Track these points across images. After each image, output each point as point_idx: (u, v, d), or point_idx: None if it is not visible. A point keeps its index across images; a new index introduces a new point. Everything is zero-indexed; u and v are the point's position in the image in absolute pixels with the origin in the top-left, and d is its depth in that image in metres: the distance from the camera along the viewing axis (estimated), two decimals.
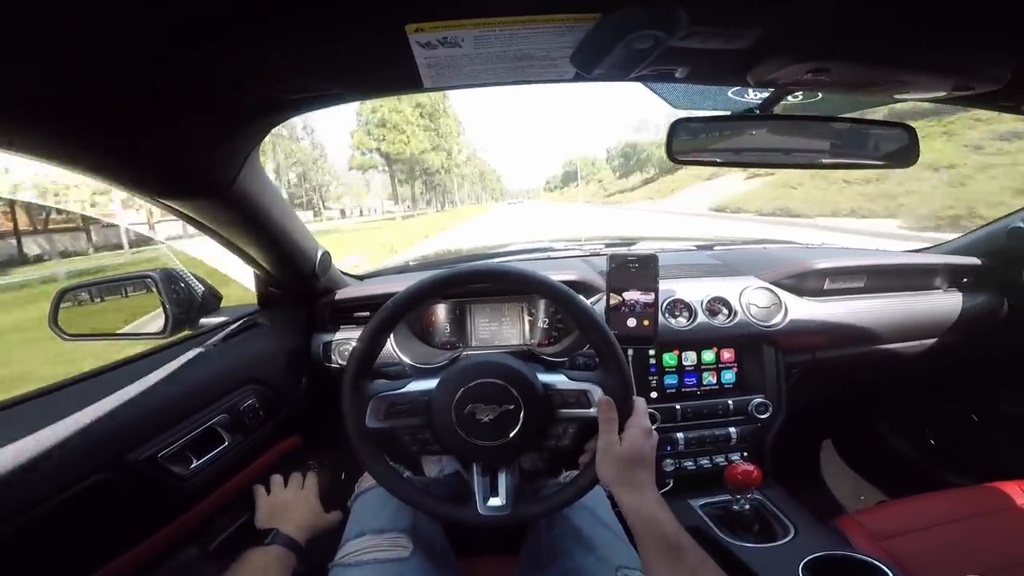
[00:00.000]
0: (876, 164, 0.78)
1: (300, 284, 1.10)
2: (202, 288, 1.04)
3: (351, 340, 1.14)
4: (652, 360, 1.18)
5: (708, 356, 1.20)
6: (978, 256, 1.30)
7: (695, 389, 1.20)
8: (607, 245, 1.58)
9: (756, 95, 0.77)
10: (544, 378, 0.75)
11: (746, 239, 1.75)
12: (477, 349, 1.17)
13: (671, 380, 1.19)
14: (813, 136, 0.76)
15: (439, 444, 0.76)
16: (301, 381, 1.13)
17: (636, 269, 0.99)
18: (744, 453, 1.20)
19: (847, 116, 0.77)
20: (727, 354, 1.21)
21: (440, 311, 1.19)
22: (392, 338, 1.04)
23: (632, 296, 0.99)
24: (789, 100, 0.74)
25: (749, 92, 0.77)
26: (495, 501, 0.74)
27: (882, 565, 0.78)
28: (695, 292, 1.19)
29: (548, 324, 1.18)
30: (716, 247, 1.57)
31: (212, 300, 1.06)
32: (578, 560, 0.76)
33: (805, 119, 0.76)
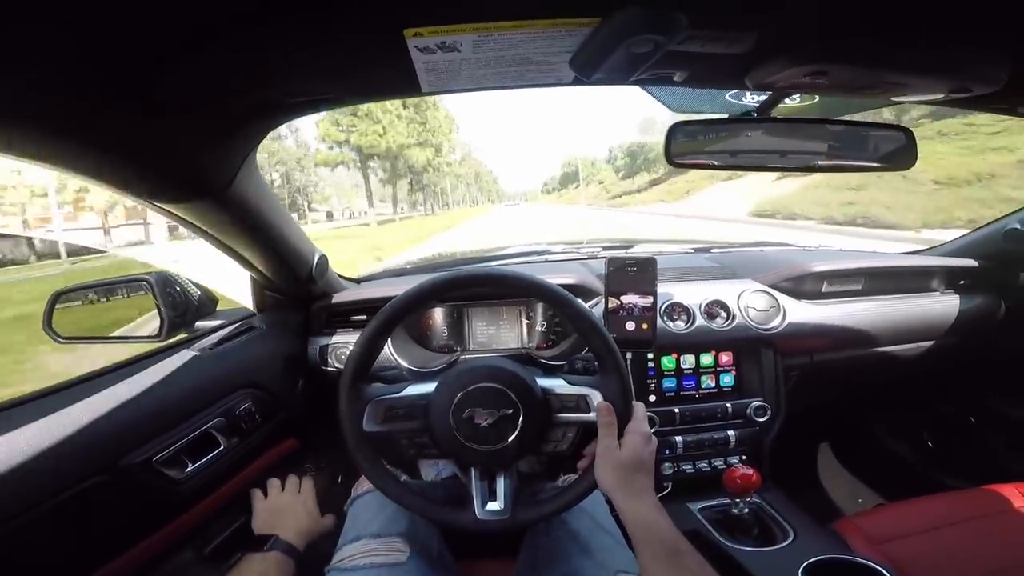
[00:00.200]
0: (874, 166, 0.78)
1: (297, 288, 1.10)
2: (198, 292, 1.03)
3: (348, 344, 1.14)
4: (650, 363, 1.18)
5: (706, 359, 1.20)
6: (975, 258, 1.30)
7: (694, 392, 1.20)
8: (605, 248, 1.59)
9: (754, 98, 0.77)
10: (543, 382, 0.75)
11: (744, 241, 1.75)
12: (475, 353, 1.17)
13: (670, 383, 1.19)
14: (811, 138, 0.76)
15: (437, 448, 0.76)
16: (298, 385, 1.12)
17: (634, 272, 0.99)
18: (743, 456, 1.20)
19: (844, 119, 0.77)
20: (725, 357, 1.21)
21: (438, 314, 1.19)
22: (389, 342, 1.04)
23: (630, 300, 0.99)
24: (786, 103, 0.74)
25: (747, 95, 0.77)
26: (493, 505, 0.73)
27: (881, 568, 0.78)
28: (693, 295, 1.19)
29: (546, 328, 1.18)
30: (714, 250, 1.58)
31: (208, 303, 1.05)
32: (576, 564, 0.76)
33: (803, 122, 0.76)
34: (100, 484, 0.67)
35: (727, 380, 1.21)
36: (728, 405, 1.18)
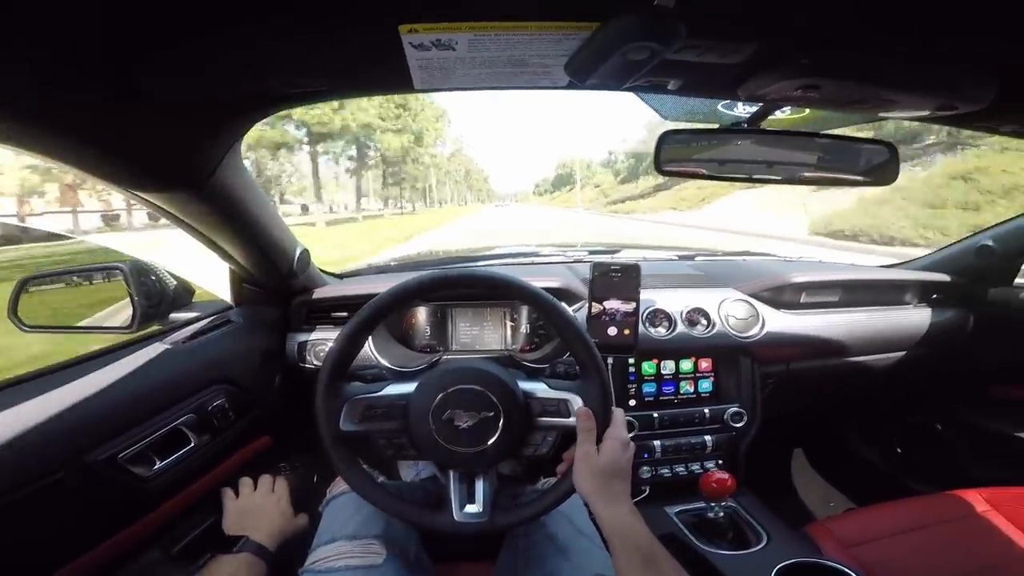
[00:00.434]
0: (857, 180, 0.79)
1: (277, 282, 1.07)
2: (174, 282, 1.00)
3: (327, 340, 1.12)
4: (631, 368, 1.19)
5: (686, 365, 1.21)
6: (947, 273, 1.34)
7: (673, 397, 1.21)
8: (591, 252, 1.59)
9: (745, 109, 0.77)
10: (525, 386, 0.75)
11: (726, 250, 1.78)
12: (457, 353, 1.16)
13: (650, 388, 1.20)
14: (798, 150, 0.77)
15: (416, 449, 0.75)
16: (274, 381, 1.10)
17: (619, 278, 0.99)
18: (719, 461, 1.21)
19: (831, 132, 0.78)
20: (704, 364, 1.22)
21: (421, 314, 1.18)
22: (370, 340, 1.02)
23: (613, 305, 0.99)
24: (777, 115, 0.75)
25: (738, 106, 0.78)
26: (472, 508, 0.73)
27: (851, 572, 0.80)
28: (675, 302, 1.20)
29: (530, 330, 1.18)
30: (697, 258, 1.60)
31: (184, 295, 1.02)
32: (554, 567, 0.76)
33: (791, 134, 0.77)
34: (61, 481, 0.65)
35: (705, 386, 1.22)
36: (706, 410, 1.19)
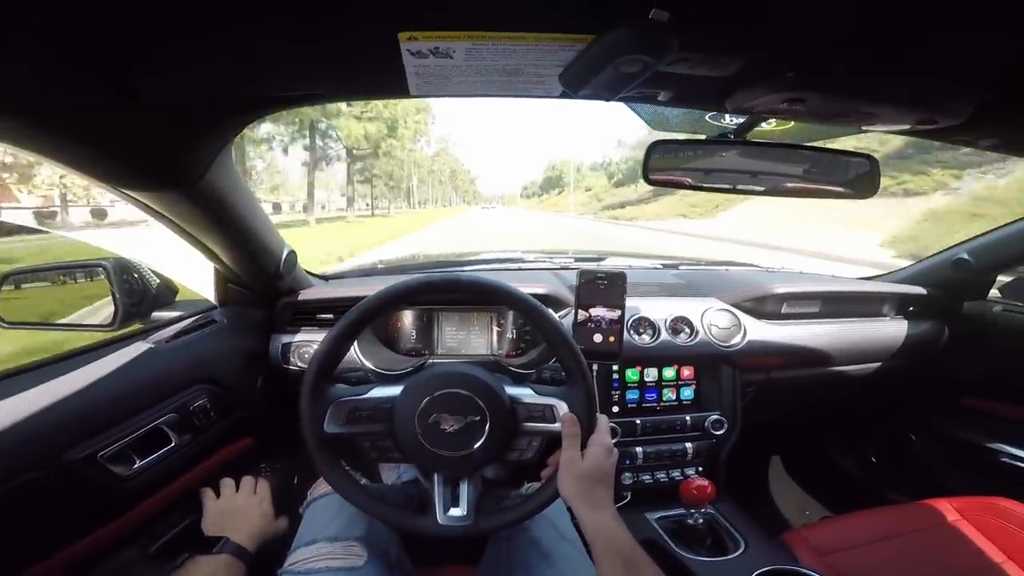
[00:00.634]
0: (839, 193, 0.81)
1: (263, 283, 1.07)
2: (157, 280, 0.99)
3: (312, 343, 1.11)
4: (615, 375, 1.20)
5: (669, 373, 1.23)
6: (924, 286, 1.38)
7: (655, 404, 1.22)
8: (577, 259, 1.61)
9: (732, 120, 0.79)
10: (511, 391, 0.75)
11: (710, 260, 1.80)
12: (443, 357, 1.16)
13: (633, 395, 1.21)
14: (784, 162, 0.79)
15: (400, 452, 0.75)
16: (257, 382, 1.09)
17: (604, 286, 1.00)
18: (699, 468, 1.23)
19: (815, 144, 0.80)
20: (687, 371, 1.24)
21: (407, 317, 1.18)
22: (356, 343, 1.02)
23: (599, 312, 1.00)
24: (763, 126, 0.77)
25: (725, 117, 0.80)
26: (456, 512, 0.73)
27: None
28: (659, 311, 1.22)
29: (516, 336, 1.18)
30: (681, 266, 1.62)
31: (167, 293, 1.01)
32: (537, 572, 0.76)
33: (776, 146, 0.78)
34: (39, 479, 0.64)
35: (687, 394, 1.24)
36: (687, 418, 1.21)
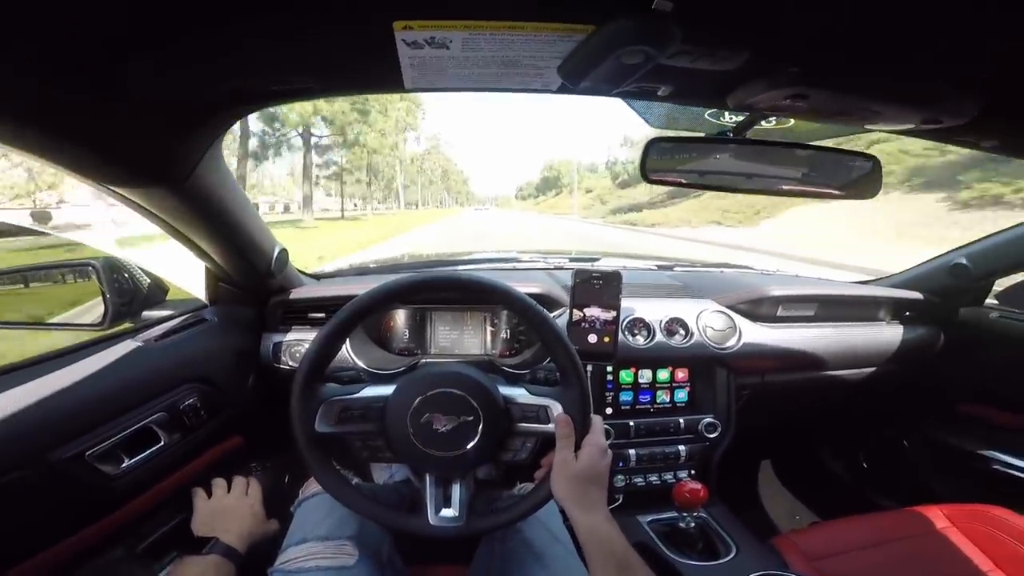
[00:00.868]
0: (839, 194, 0.80)
1: (254, 281, 1.06)
2: (147, 279, 0.98)
3: (303, 341, 1.11)
4: (609, 376, 1.20)
5: (663, 375, 1.23)
6: (920, 291, 1.38)
7: (649, 407, 1.22)
8: (572, 260, 1.60)
9: (731, 118, 0.78)
10: (505, 391, 0.75)
11: (705, 261, 1.80)
12: (436, 357, 1.16)
13: (626, 397, 1.21)
14: (783, 162, 0.77)
15: (392, 452, 0.75)
16: (248, 381, 1.08)
17: (600, 286, 1.00)
18: (691, 471, 1.23)
19: (816, 144, 0.78)
20: (681, 374, 1.24)
21: (400, 316, 1.17)
22: (348, 342, 1.02)
23: (594, 312, 1.00)
24: (762, 124, 0.75)
25: (725, 115, 0.78)
26: (448, 512, 0.73)
27: None
28: (655, 312, 1.22)
29: (510, 335, 1.18)
30: (676, 268, 1.62)
31: (157, 292, 1.00)
32: (530, 573, 0.76)
33: (776, 145, 0.77)
34: (25, 478, 0.63)
35: (681, 396, 1.24)
36: (681, 420, 1.21)
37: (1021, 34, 0.47)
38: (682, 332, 1.21)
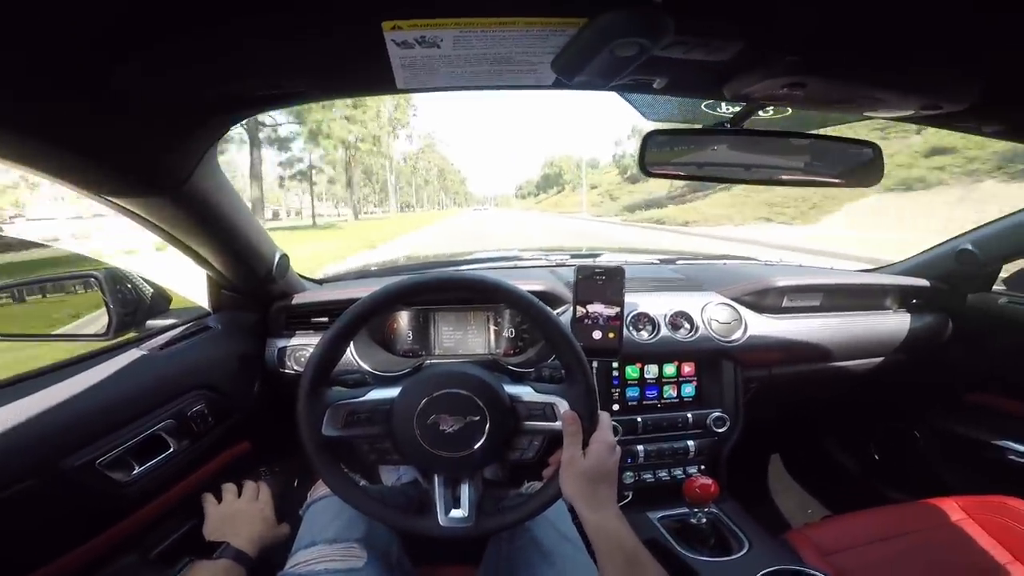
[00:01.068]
0: (840, 182, 0.79)
1: (256, 287, 1.06)
2: (150, 289, 0.99)
3: (308, 346, 1.11)
4: (615, 372, 1.19)
5: (669, 369, 1.22)
6: (927, 278, 1.36)
7: (656, 402, 1.21)
8: (573, 256, 1.60)
9: (728, 109, 0.77)
10: (511, 389, 0.75)
11: (708, 254, 1.79)
12: (441, 358, 1.16)
13: (633, 392, 1.20)
14: (782, 151, 0.77)
15: (399, 454, 0.75)
16: (253, 387, 1.09)
17: (603, 282, 0.99)
18: (701, 466, 1.22)
19: (815, 132, 0.77)
20: (688, 368, 1.23)
21: (403, 318, 1.17)
22: (352, 345, 1.02)
23: (597, 308, 0.99)
24: (760, 115, 0.75)
25: (722, 106, 0.78)
26: (457, 513, 0.73)
27: None
28: (659, 306, 1.21)
29: (514, 334, 1.18)
30: (679, 261, 1.61)
31: (161, 302, 1.01)
32: (539, 573, 0.76)
33: (775, 134, 0.76)
34: (37, 486, 0.64)
35: (688, 391, 1.23)
36: (689, 415, 1.20)
37: (1019, 17, 0.46)
38: (687, 326, 1.21)
